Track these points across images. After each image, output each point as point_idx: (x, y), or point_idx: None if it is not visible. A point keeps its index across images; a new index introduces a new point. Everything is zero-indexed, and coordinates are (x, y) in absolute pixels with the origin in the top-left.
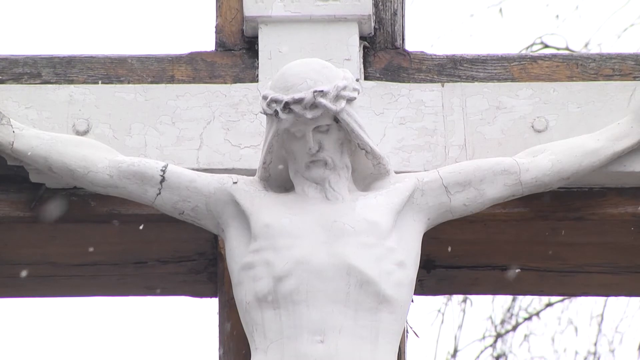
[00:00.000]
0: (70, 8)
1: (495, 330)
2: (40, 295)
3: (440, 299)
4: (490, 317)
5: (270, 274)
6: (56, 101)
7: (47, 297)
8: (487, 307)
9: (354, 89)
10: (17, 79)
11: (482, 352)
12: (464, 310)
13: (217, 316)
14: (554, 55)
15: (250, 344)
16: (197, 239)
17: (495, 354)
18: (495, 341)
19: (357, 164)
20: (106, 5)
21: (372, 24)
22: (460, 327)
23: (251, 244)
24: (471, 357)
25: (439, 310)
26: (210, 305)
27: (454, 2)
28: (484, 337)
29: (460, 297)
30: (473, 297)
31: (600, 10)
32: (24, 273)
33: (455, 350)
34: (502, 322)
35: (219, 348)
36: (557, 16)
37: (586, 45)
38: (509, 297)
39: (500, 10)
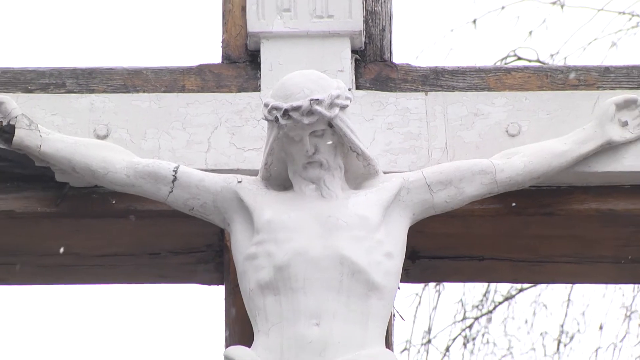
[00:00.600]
0: (90, 24)
1: (465, 316)
2: (64, 283)
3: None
4: (461, 301)
5: (271, 263)
6: (79, 109)
7: (70, 284)
8: (466, 292)
9: (347, 98)
10: (44, 88)
11: (459, 334)
12: (439, 292)
13: (224, 302)
14: (526, 67)
15: (253, 327)
16: (206, 233)
17: (469, 335)
18: (472, 324)
19: (349, 165)
20: (122, 22)
21: (363, 39)
22: (434, 308)
23: (254, 237)
24: (447, 338)
25: (417, 294)
26: (217, 293)
27: (436, 18)
28: (462, 319)
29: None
30: (453, 285)
31: (567, 25)
32: (49, 262)
33: (430, 330)
34: (477, 306)
35: (225, 330)
36: (530, 32)
37: (553, 57)
38: (485, 285)
39: (475, 21)
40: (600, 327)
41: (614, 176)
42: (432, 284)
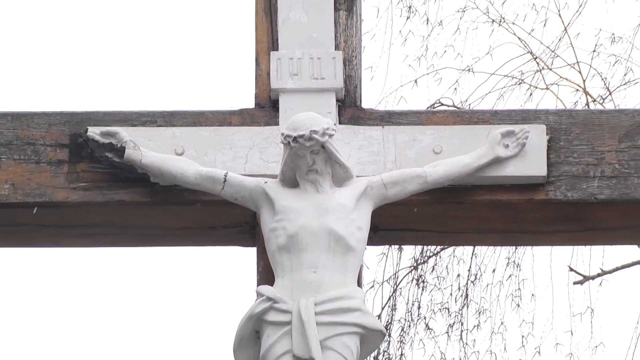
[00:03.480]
0: (170, 79)
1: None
2: (155, 246)
3: (383, 248)
4: (413, 257)
5: (285, 233)
6: (165, 136)
7: (159, 246)
8: (409, 252)
9: (333, 129)
10: (143, 124)
11: (404, 276)
12: (400, 249)
13: (255, 258)
14: (446, 110)
15: (274, 274)
16: (244, 214)
17: (412, 276)
18: (411, 270)
19: (334, 171)
20: (192, 79)
21: (343, 93)
22: (398, 264)
23: (274, 217)
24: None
25: (383, 253)
26: (250, 252)
27: (390, 78)
28: (408, 266)
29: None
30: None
31: (473, 82)
32: (146, 232)
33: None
34: (416, 259)
35: (257, 276)
36: (448, 88)
37: (462, 103)
38: (420, 247)
39: (416, 80)
40: (494, 270)
41: (500, 179)
42: (394, 246)
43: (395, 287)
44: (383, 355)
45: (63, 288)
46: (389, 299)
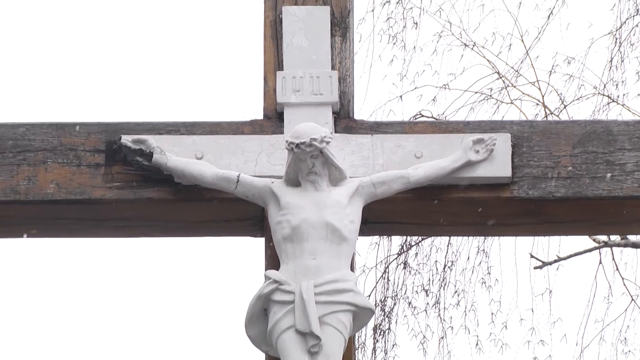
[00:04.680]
0: (194, 94)
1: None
2: (177, 236)
3: (373, 238)
4: (400, 245)
5: (289, 226)
6: (187, 143)
7: (178, 237)
8: (396, 240)
9: (330, 137)
10: (168, 132)
11: (392, 261)
12: (390, 239)
13: (263, 246)
14: (426, 121)
15: (280, 260)
16: (254, 209)
17: (398, 260)
18: (397, 257)
19: (331, 173)
20: (210, 93)
21: (338, 106)
22: (389, 248)
23: (280, 212)
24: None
25: (376, 242)
26: (259, 242)
27: (379, 93)
28: (400, 249)
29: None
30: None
31: (449, 98)
32: (170, 225)
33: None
34: (401, 246)
35: (265, 262)
36: (428, 103)
37: (440, 115)
38: (404, 237)
39: (401, 96)
40: (468, 258)
41: (472, 179)
42: (385, 237)
43: (383, 271)
44: (377, 329)
45: (94, 272)
46: (378, 281)
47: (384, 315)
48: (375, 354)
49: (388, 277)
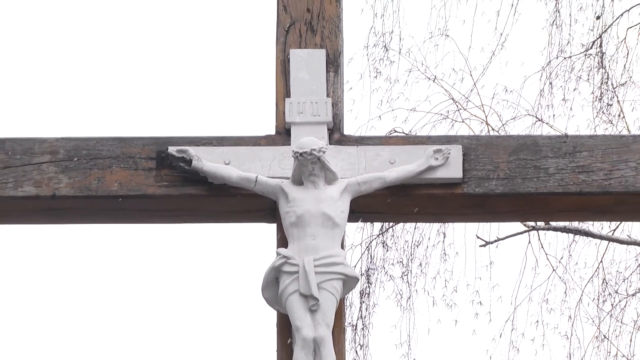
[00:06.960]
0: (225, 115)
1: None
2: (209, 222)
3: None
4: (380, 228)
5: (295, 215)
6: (217, 153)
7: (211, 223)
8: (377, 226)
9: (325, 148)
10: (204, 144)
11: (372, 240)
12: (372, 224)
13: (275, 230)
14: (398, 136)
15: (288, 241)
16: (268, 202)
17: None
18: (376, 237)
19: (326, 175)
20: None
21: (332, 124)
22: (374, 231)
23: (288, 204)
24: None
25: (360, 227)
26: (272, 227)
27: (364, 111)
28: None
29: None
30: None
31: (416, 117)
32: (200, 215)
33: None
34: (380, 229)
35: (276, 242)
36: (401, 122)
37: (410, 131)
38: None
39: (380, 116)
40: (429, 238)
41: (433, 180)
42: (367, 223)
43: (366, 248)
44: (362, 293)
45: (126, 257)
46: (362, 256)
47: (367, 282)
48: (361, 311)
49: (370, 253)
